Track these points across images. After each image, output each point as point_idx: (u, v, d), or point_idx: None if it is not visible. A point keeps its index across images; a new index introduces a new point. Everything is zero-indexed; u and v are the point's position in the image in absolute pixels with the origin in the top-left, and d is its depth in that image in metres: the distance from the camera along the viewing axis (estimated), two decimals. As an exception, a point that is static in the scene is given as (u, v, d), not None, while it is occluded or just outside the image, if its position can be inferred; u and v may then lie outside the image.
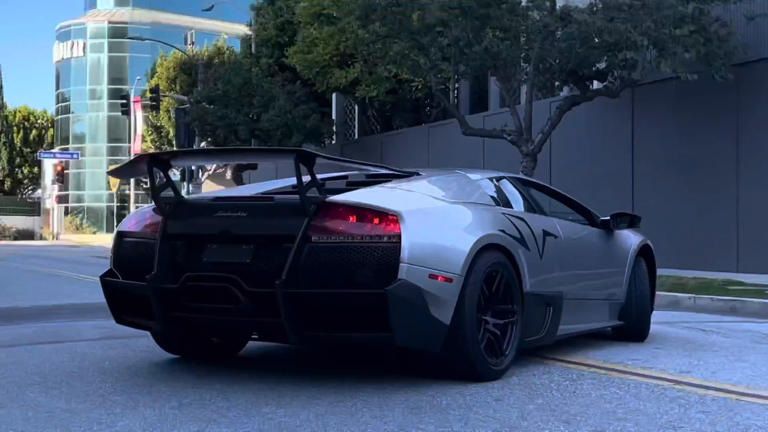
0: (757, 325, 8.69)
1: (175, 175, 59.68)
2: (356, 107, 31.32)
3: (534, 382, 4.82)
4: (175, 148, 47.80)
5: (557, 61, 15.89)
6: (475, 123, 19.45)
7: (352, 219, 4.37)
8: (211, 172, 54.82)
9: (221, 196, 5.22)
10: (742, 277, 13.85)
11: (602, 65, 16.35)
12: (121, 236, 5.08)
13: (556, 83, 17.23)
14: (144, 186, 62.62)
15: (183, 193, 39.72)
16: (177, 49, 42.96)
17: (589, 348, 6.49)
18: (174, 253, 4.74)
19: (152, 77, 54.05)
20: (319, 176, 4.88)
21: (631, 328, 6.78)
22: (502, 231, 4.88)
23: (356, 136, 31.51)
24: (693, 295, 10.91)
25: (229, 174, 57.55)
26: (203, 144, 40.82)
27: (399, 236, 4.22)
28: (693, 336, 7.55)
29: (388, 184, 4.98)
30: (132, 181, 59.79)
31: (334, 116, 31.88)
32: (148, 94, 43.46)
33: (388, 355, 5.54)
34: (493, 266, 4.69)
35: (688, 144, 16.61)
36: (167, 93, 45.81)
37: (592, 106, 17.97)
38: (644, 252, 6.97)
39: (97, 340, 6.56)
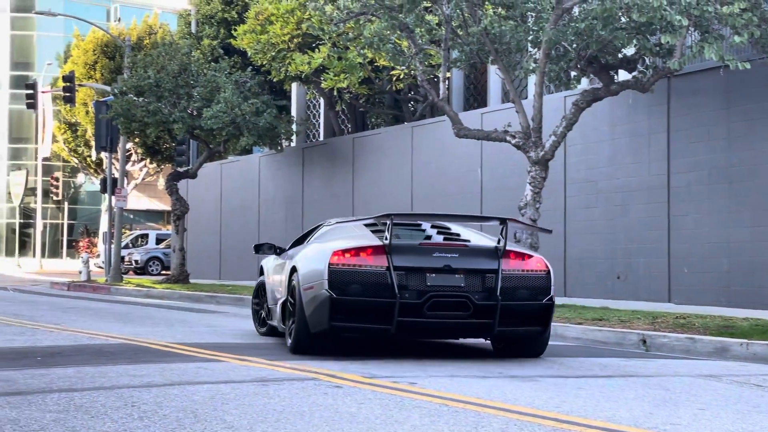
0: (825, 378, 8.68)
1: (93, 183, 59.40)
2: (322, 101, 31.29)
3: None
4: (95, 149, 47.47)
5: (574, 45, 15.92)
6: (470, 122, 19.47)
7: (520, 259, 9.55)
8: (138, 181, 54.63)
9: (425, 242, 9.82)
10: (804, 316, 13.87)
11: (630, 51, 16.41)
12: (332, 266, 9.11)
13: (573, 73, 17.25)
14: (54, 198, 62.24)
15: (105, 204, 39.55)
16: (97, 26, 42.74)
17: (614, 404, 6.45)
18: (400, 278, 9.11)
19: (66, 62, 53.81)
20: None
21: None
22: None
23: (321, 137, 31.46)
24: (745, 340, 10.90)
25: (161, 184, 57.31)
26: (130, 145, 40.63)
27: (548, 271, 9.56)
28: (745, 393, 7.53)
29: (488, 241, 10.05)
30: (39, 193, 59.32)
31: (293, 112, 31.82)
32: (61, 83, 43.11)
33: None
34: None
35: (737, 149, 16.71)
36: (84, 81, 45.55)
37: (618, 101, 18.04)
38: None
39: (-9, 398, 6.47)
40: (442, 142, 22.59)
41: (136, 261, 42.99)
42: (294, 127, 28.62)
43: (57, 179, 60.99)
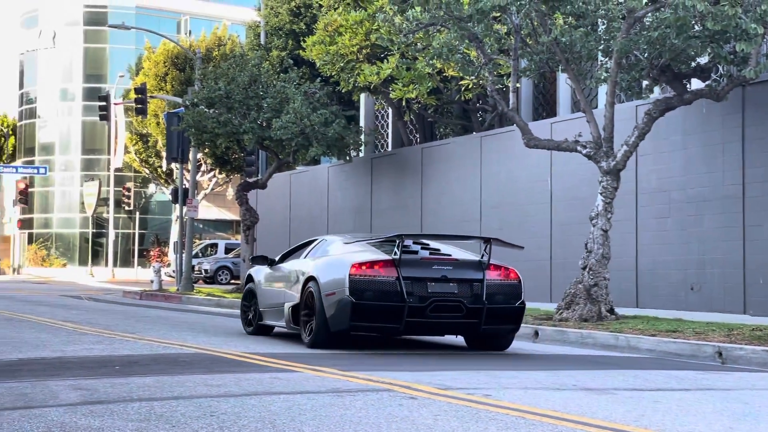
0: None
1: (163, 193, 60.32)
2: (390, 111, 31.39)
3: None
4: (165, 159, 48.21)
5: (646, 54, 15.78)
6: (540, 131, 19.37)
7: (498, 270, 11.57)
8: (208, 191, 55.30)
9: (426, 257, 11.69)
10: None
11: (704, 59, 16.21)
12: (351, 276, 11.05)
13: (645, 82, 17.10)
14: (125, 209, 63.30)
15: (176, 213, 40.20)
16: (167, 39, 43.43)
17: (692, 417, 6.36)
18: (407, 286, 11.07)
19: (137, 74, 54.73)
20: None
21: None
22: None
23: (390, 147, 31.55)
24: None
25: (230, 194, 57.96)
26: (199, 155, 41.21)
27: (520, 280, 11.69)
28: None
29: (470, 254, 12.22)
30: (111, 203, 60.36)
31: (362, 123, 31.95)
32: (132, 95, 43.93)
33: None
34: None
35: (813, 159, 16.41)
36: (156, 93, 46.29)
37: (691, 110, 17.82)
38: None
39: (77, 405, 6.60)
40: (512, 152, 22.51)
41: (206, 270, 43.49)
42: (362, 137, 28.74)
43: (129, 189, 61.98)
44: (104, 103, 42.81)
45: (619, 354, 12.26)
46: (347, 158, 27.91)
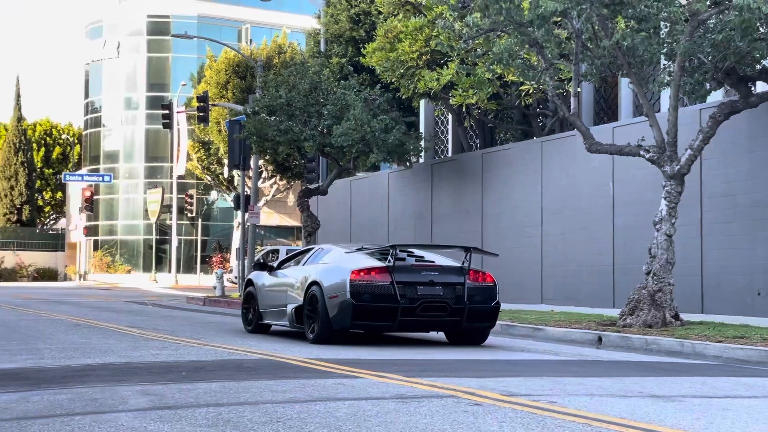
0: None
1: (225, 200, 60.88)
2: (450, 117, 31.35)
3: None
4: (227, 167, 48.63)
5: (710, 57, 15.58)
6: (601, 136, 19.21)
7: (476, 274, 13.43)
8: (269, 198, 55.70)
9: (416, 263, 13.39)
10: None
11: (769, 62, 15.95)
12: (352, 281, 12.63)
13: (708, 85, 16.88)
14: (188, 215, 64.02)
15: (237, 220, 40.75)
16: (229, 47, 43.86)
17: (763, 425, 6.26)
18: (400, 289, 12.69)
19: (199, 82, 55.33)
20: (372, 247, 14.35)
21: None
22: None
23: (450, 153, 31.50)
24: None
25: (291, 200, 58.35)
26: (260, 162, 41.57)
27: (495, 283, 13.63)
28: None
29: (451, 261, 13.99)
30: (174, 210, 61.08)
31: (422, 129, 31.95)
32: (195, 103, 44.40)
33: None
34: None
35: None
36: (217, 101, 46.76)
37: (757, 113, 17.54)
38: None
39: (146, 410, 6.69)
40: (573, 157, 22.35)
41: (268, 276, 43.68)
42: (422, 143, 28.71)
43: (191, 196, 62.64)
44: (167, 112, 43.36)
45: (685, 360, 12.10)
46: (407, 164, 27.92)
